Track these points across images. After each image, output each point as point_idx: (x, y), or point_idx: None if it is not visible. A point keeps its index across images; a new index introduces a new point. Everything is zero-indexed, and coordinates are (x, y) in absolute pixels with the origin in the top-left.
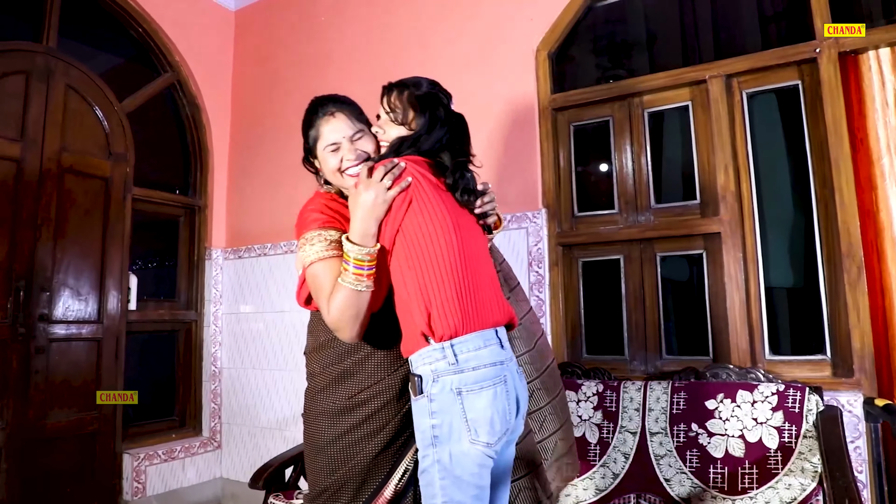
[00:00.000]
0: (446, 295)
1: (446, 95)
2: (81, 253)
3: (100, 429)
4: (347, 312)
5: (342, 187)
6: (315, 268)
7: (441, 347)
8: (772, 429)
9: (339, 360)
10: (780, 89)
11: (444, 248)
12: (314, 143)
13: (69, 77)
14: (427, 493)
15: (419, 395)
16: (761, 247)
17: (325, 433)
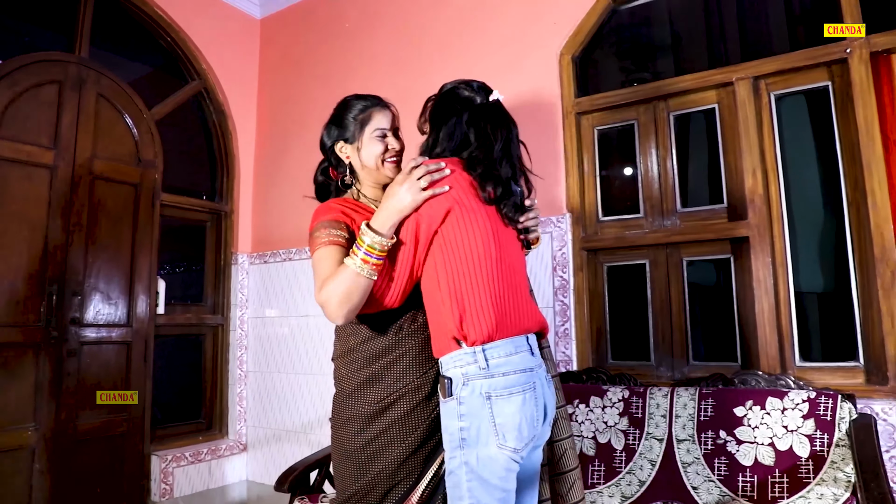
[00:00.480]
0: (481, 301)
1: (473, 89)
2: (111, 258)
3: (129, 430)
4: (340, 288)
5: (373, 180)
6: (319, 252)
7: (472, 351)
8: (803, 437)
9: (368, 364)
10: (809, 91)
11: (483, 256)
12: (361, 125)
13: (100, 86)
14: (454, 495)
15: (448, 397)
16: (791, 251)
17: (354, 439)
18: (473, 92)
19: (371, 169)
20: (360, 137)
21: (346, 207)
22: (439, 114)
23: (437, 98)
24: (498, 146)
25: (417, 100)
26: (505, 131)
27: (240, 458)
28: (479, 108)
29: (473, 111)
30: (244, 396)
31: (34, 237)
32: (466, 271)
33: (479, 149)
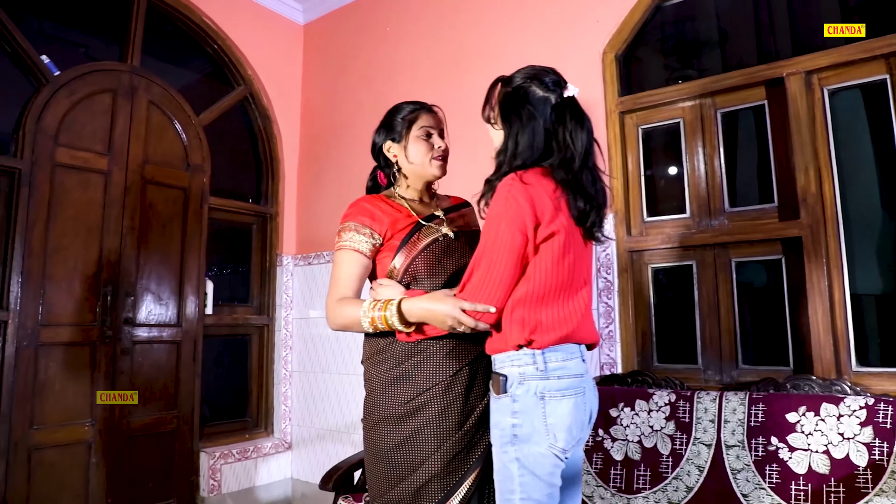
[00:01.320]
0: (556, 316)
1: (546, 86)
2: (162, 260)
3: (179, 428)
4: (342, 320)
5: (418, 178)
6: (339, 256)
7: (532, 353)
8: (860, 445)
9: (397, 363)
10: (865, 85)
11: (567, 276)
12: (408, 125)
13: (151, 93)
14: (504, 489)
15: (502, 393)
16: (846, 252)
17: (386, 439)
18: (548, 90)
19: (416, 166)
20: (407, 136)
21: (377, 207)
22: (514, 112)
23: (511, 92)
24: (580, 155)
25: (459, 101)
26: (585, 135)
27: (284, 457)
28: (558, 111)
29: (552, 115)
30: (289, 396)
31: (90, 240)
32: (551, 289)
33: (563, 159)
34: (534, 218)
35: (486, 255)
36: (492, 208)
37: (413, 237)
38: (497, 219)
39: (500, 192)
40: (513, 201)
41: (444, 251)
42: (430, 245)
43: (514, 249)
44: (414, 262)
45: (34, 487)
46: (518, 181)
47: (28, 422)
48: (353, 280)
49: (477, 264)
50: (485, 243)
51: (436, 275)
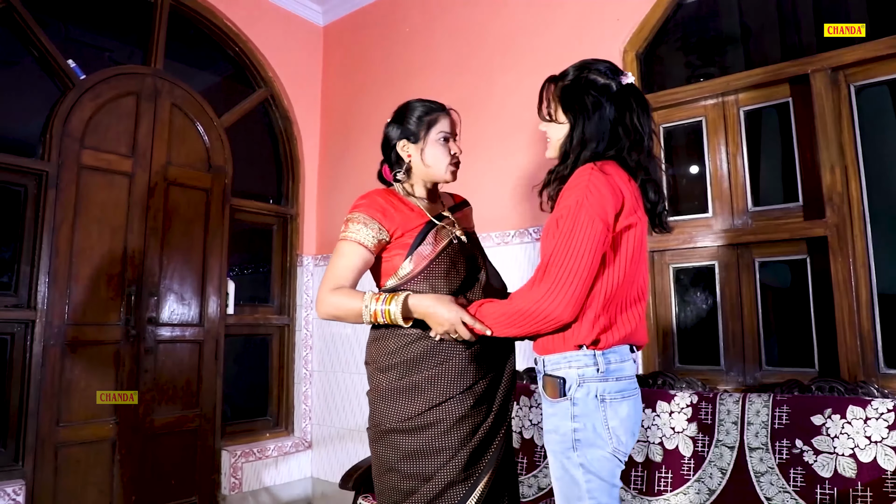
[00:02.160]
0: (627, 314)
1: (606, 74)
2: (184, 260)
3: (201, 426)
4: (339, 310)
5: (427, 179)
6: (342, 246)
7: (592, 354)
8: (889, 449)
9: (409, 371)
10: (893, 81)
11: (635, 264)
12: (428, 127)
13: (173, 96)
14: (570, 495)
15: (561, 397)
16: (874, 251)
17: (394, 452)
18: (608, 78)
19: (431, 170)
20: (426, 138)
21: (390, 203)
22: (577, 101)
23: (570, 83)
24: (647, 139)
25: (479, 100)
26: (648, 120)
27: (305, 456)
28: (621, 97)
29: (616, 102)
30: (309, 395)
31: (114, 241)
32: (624, 285)
33: (632, 147)
34: (614, 208)
35: (565, 246)
36: (568, 198)
37: (427, 238)
38: (577, 208)
39: (577, 181)
40: (595, 190)
41: (458, 253)
42: (447, 248)
43: (595, 240)
44: (430, 265)
45: (60, 483)
46: (598, 171)
47: (55, 419)
48: (351, 271)
49: (554, 255)
50: (563, 233)
51: (452, 277)
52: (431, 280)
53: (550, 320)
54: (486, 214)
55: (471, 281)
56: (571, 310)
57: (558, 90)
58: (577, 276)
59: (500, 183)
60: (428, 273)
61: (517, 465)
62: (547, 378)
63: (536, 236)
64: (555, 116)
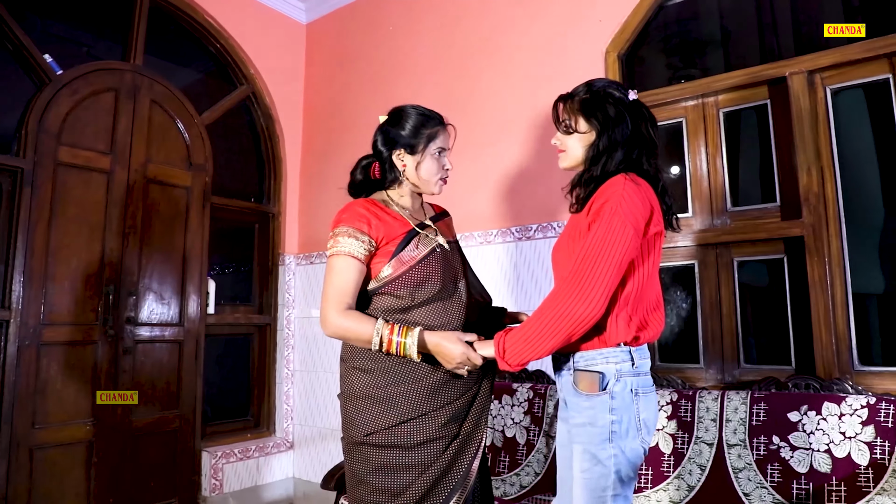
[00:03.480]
0: (657, 312)
1: (618, 89)
2: (164, 259)
3: (181, 427)
4: (347, 333)
5: (417, 189)
6: (335, 261)
7: (627, 350)
8: (862, 444)
9: (382, 382)
10: (868, 84)
11: (658, 267)
12: (427, 140)
13: (153, 92)
14: (596, 486)
15: (601, 391)
16: (848, 251)
17: (365, 464)
18: (621, 92)
19: (422, 181)
20: (424, 151)
21: (373, 213)
22: (600, 111)
23: (591, 96)
24: (657, 149)
25: (461, 100)
26: (656, 131)
27: (286, 456)
28: (634, 109)
29: (632, 112)
30: (291, 395)
31: (92, 239)
32: (652, 286)
33: (650, 156)
34: (645, 216)
35: (597, 249)
36: (602, 205)
37: (409, 245)
38: (611, 214)
39: (612, 190)
40: (628, 198)
41: (439, 261)
42: (428, 256)
43: (626, 245)
44: (411, 270)
45: (36, 486)
46: (631, 181)
47: (30, 421)
48: (352, 286)
49: (585, 258)
50: (596, 237)
51: (432, 285)
52: (410, 286)
53: (581, 320)
54: (469, 214)
55: (450, 290)
56: (600, 309)
57: (577, 103)
58: (607, 278)
59: (482, 183)
60: (407, 278)
61: (491, 481)
62: (581, 373)
63: (518, 235)
64: (575, 127)
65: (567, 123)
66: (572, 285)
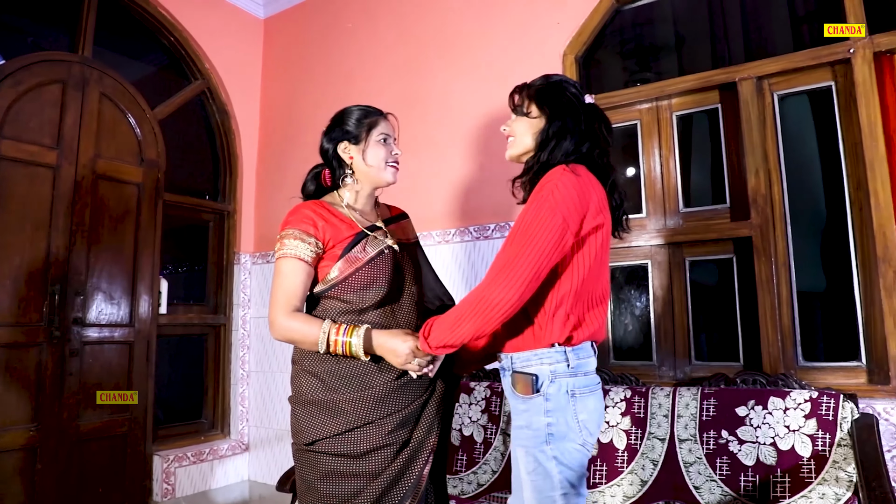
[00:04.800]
0: (594, 311)
1: (575, 86)
2: (114, 258)
3: (131, 430)
4: (295, 335)
5: (370, 183)
6: (282, 265)
7: (563, 350)
8: (805, 437)
9: (331, 389)
10: (812, 91)
11: (602, 263)
12: (368, 129)
13: (103, 85)
14: (543, 487)
15: (535, 393)
16: (793, 251)
17: (313, 470)
18: (577, 90)
19: (372, 169)
20: (367, 139)
21: (320, 215)
22: (555, 99)
23: (547, 85)
24: (609, 147)
25: (421, 99)
26: (610, 134)
27: (242, 458)
28: (589, 109)
29: (587, 110)
30: (246, 396)
31: (37, 237)
32: (592, 284)
33: (602, 152)
34: (581, 208)
35: (520, 236)
36: (538, 193)
37: (356, 247)
38: (541, 202)
39: (548, 179)
40: (563, 188)
41: (388, 264)
42: (376, 258)
43: (553, 234)
44: (357, 272)
45: None
46: (570, 172)
47: None
48: (299, 289)
49: (508, 244)
50: (523, 225)
51: (378, 287)
52: (357, 289)
53: (497, 305)
54: (427, 213)
55: (399, 294)
56: (518, 298)
57: (532, 91)
58: (529, 264)
59: (440, 182)
60: (354, 281)
61: (446, 483)
62: (518, 375)
63: (477, 235)
64: (527, 111)
65: (521, 108)
66: (494, 271)
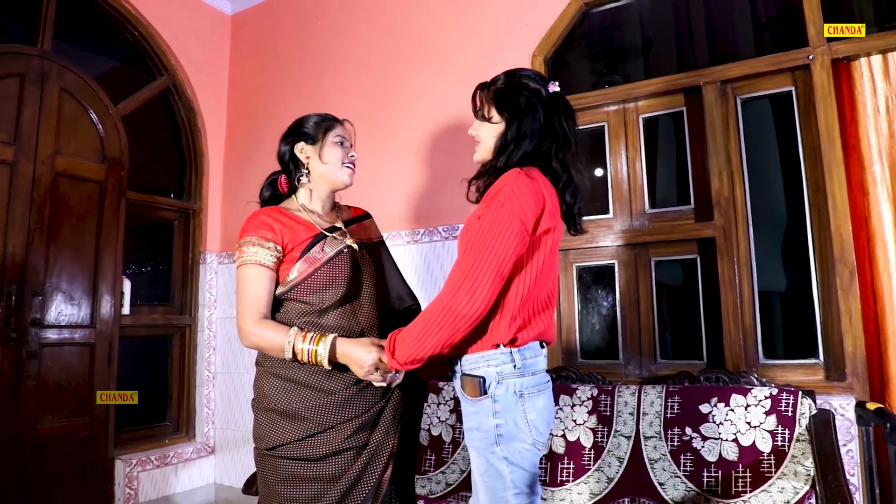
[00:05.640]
0: (541, 313)
1: (536, 80)
2: (74, 257)
3: (92, 434)
4: (262, 343)
5: (327, 184)
6: (243, 271)
7: (509, 351)
8: (765, 433)
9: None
10: (773, 95)
11: (551, 271)
12: (324, 132)
13: (64, 80)
14: (495, 488)
15: (482, 395)
16: (755, 251)
17: (274, 473)
18: (537, 83)
19: (328, 169)
20: (323, 140)
21: (276, 220)
22: (513, 101)
23: (504, 86)
24: (572, 143)
25: (391, 99)
26: (573, 125)
27: (207, 461)
28: (550, 101)
29: (547, 104)
30: (212, 398)
31: None
32: (540, 286)
33: (559, 149)
34: (536, 212)
35: (480, 243)
36: (492, 197)
37: (315, 248)
38: (498, 207)
39: (503, 183)
40: (518, 192)
41: (346, 263)
42: (334, 258)
43: (512, 239)
44: (316, 273)
45: None
46: (524, 175)
47: None
48: (264, 294)
49: (469, 252)
50: (482, 231)
51: (337, 286)
52: (317, 289)
53: (465, 316)
54: (395, 212)
55: (358, 291)
56: (484, 306)
57: (491, 93)
58: (492, 273)
59: (407, 182)
60: (313, 281)
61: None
62: (466, 378)
63: (445, 234)
64: (488, 116)
65: (482, 112)
66: (457, 281)
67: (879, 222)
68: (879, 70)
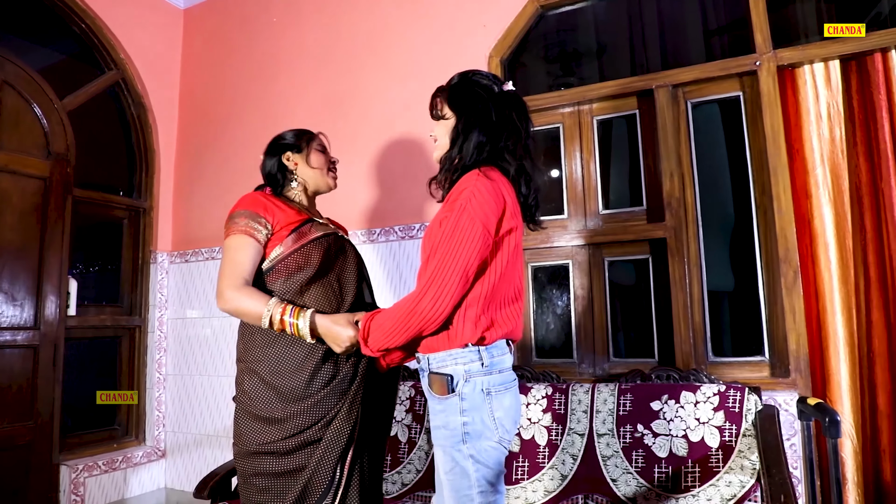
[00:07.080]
0: (506, 311)
1: (488, 78)
2: (17, 256)
3: (35, 439)
4: (242, 309)
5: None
6: (232, 239)
7: (477, 350)
8: (713, 428)
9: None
10: (722, 100)
11: (514, 269)
12: (307, 141)
13: (5, 72)
14: (460, 486)
15: (450, 394)
16: (704, 252)
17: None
18: (490, 81)
19: (315, 172)
20: (308, 148)
21: (270, 202)
22: (465, 98)
23: (458, 83)
24: (525, 138)
25: (346, 97)
26: (527, 122)
27: (158, 465)
28: (503, 99)
29: (498, 100)
30: (163, 401)
31: None
32: (505, 285)
33: (510, 141)
34: (497, 214)
35: (445, 247)
36: (453, 201)
37: (303, 227)
38: (460, 210)
39: (464, 185)
40: (479, 194)
41: (332, 245)
42: (321, 238)
43: (475, 242)
44: (302, 248)
45: None
46: (483, 176)
47: None
48: (249, 264)
49: (434, 256)
50: (445, 234)
51: (321, 264)
52: (301, 264)
53: (430, 318)
54: (352, 212)
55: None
56: (449, 307)
57: (445, 93)
58: (456, 277)
59: (366, 181)
60: (298, 256)
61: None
62: (433, 376)
63: (401, 234)
64: (442, 114)
65: (437, 111)
66: (424, 285)
67: (822, 224)
68: (822, 78)
